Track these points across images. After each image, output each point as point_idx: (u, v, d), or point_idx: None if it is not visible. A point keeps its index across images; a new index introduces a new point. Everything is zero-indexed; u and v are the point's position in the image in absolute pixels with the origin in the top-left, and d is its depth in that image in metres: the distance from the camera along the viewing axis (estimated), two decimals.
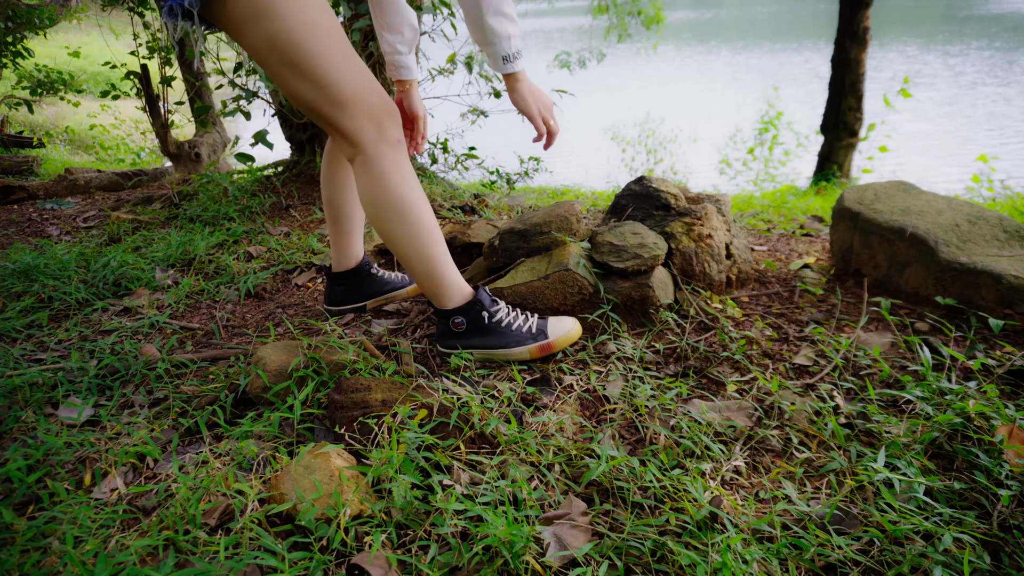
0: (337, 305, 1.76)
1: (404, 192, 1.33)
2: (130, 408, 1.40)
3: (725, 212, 1.85)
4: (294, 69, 1.21)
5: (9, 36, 5.11)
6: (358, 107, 1.28)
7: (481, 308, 1.43)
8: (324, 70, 1.22)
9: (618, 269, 1.55)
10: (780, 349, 1.49)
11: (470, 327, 1.44)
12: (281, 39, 1.18)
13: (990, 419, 1.15)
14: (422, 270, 1.40)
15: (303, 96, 1.25)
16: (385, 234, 1.37)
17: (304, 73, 1.22)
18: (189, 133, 6.61)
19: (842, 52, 5.74)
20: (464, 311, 1.43)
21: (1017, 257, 1.55)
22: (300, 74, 1.22)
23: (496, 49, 1.35)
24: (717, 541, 0.92)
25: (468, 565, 0.91)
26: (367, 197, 1.34)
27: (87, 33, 12.72)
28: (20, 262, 2.14)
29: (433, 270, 1.40)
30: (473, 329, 1.44)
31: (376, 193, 1.33)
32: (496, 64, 1.39)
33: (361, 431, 1.15)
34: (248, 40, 1.20)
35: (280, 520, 1.00)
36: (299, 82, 1.23)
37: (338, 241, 1.69)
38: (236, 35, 1.21)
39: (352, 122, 1.28)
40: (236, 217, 2.71)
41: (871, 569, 0.92)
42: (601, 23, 9.69)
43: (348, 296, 1.75)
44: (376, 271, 1.77)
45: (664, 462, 1.11)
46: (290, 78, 1.23)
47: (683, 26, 22.59)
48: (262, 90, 2.88)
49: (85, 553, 0.94)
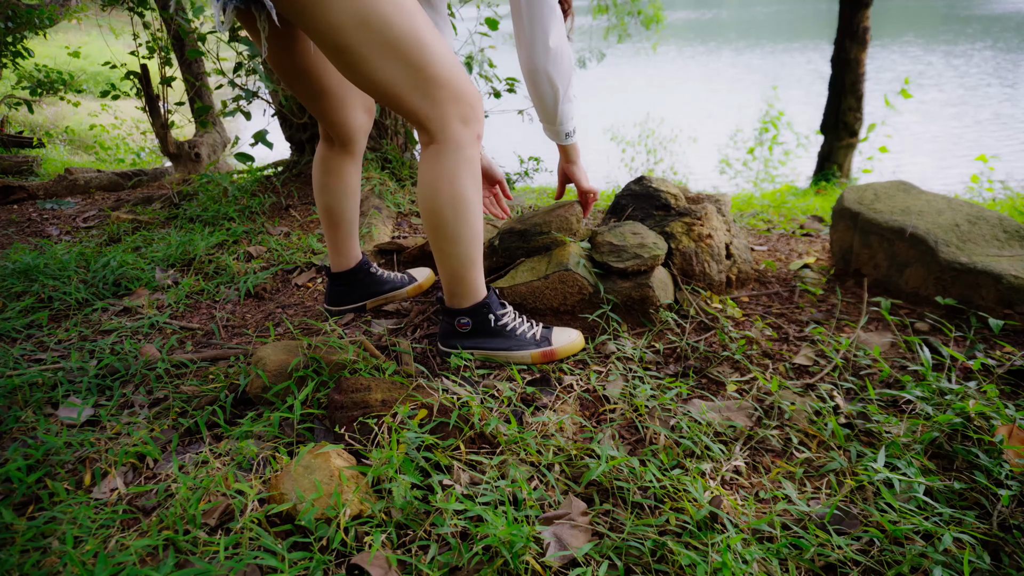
0: (337, 305, 1.76)
1: (469, 193, 1.29)
2: (130, 408, 1.40)
3: (725, 212, 1.85)
4: (386, 47, 1.14)
5: (9, 36, 5.11)
6: (448, 91, 1.22)
7: (488, 311, 1.42)
8: (419, 48, 1.16)
9: (618, 269, 1.55)
10: (780, 349, 1.49)
11: (475, 328, 1.43)
12: (376, 14, 1.11)
13: (990, 419, 1.15)
14: (452, 269, 1.37)
15: (388, 78, 1.18)
16: (434, 225, 1.32)
17: (397, 51, 1.15)
18: (189, 133, 6.61)
19: (842, 52, 5.75)
20: (472, 312, 1.41)
21: (1017, 257, 1.55)
22: (392, 52, 1.15)
23: (562, 128, 1.53)
24: (717, 541, 0.92)
25: (468, 565, 0.91)
26: (431, 186, 1.28)
27: (87, 33, 12.72)
28: (20, 262, 2.14)
29: (462, 273, 1.37)
30: (477, 331, 1.43)
31: (442, 186, 1.27)
32: (557, 138, 1.57)
33: (361, 431, 1.15)
34: (332, 17, 1.11)
35: (280, 520, 1.00)
36: (388, 62, 1.16)
37: (336, 244, 1.69)
38: (313, 14, 1.12)
39: (438, 109, 1.23)
40: (236, 217, 2.71)
41: (871, 569, 0.92)
42: (601, 23, 9.70)
43: (348, 296, 1.75)
44: (375, 270, 1.77)
45: (664, 462, 1.11)
46: (377, 58, 1.15)
47: (684, 26, 22.59)
48: (262, 90, 2.88)
49: (85, 553, 0.94)
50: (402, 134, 3.11)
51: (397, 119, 3.08)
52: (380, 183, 2.75)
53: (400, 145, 3.13)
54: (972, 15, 18.94)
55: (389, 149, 3.06)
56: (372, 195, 2.62)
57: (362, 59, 1.16)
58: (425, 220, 1.34)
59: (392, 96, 1.21)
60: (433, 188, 1.29)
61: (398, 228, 2.54)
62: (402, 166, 3.04)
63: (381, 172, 2.91)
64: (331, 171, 1.60)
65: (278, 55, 1.37)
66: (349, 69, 1.20)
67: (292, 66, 1.40)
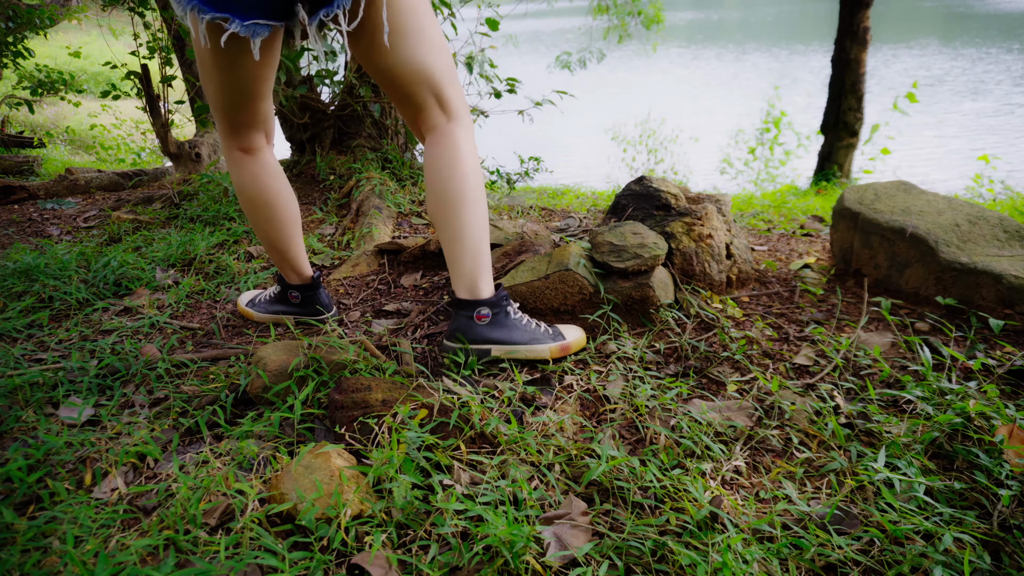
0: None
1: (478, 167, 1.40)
2: (130, 408, 1.40)
3: (725, 212, 1.85)
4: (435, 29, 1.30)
5: (9, 36, 5.11)
6: (455, 75, 1.37)
7: (507, 302, 1.42)
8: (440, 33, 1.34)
9: (618, 269, 1.55)
10: (780, 349, 1.49)
11: (494, 320, 1.40)
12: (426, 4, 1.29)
13: (990, 419, 1.15)
14: (475, 246, 1.38)
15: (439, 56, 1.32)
16: (471, 202, 1.37)
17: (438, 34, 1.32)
18: (189, 133, 6.61)
19: (842, 52, 5.75)
20: (493, 303, 1.40)
21: (1017, 257, 1.55)
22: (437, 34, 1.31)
23: None
24: (717, 541, 0.92)
25: (468, 565, 0.91)
26: (459, 160, 1.35)
27: (87, 33, 12.73)
28: (21, 262, 2.15)
29: (483, 250, 1.40)
30: (497, 322, 1.40)
31: (469, 159, 1.36)
32: None
33: (361, 431, 1.15)
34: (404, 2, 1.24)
35: (280, 520, 1.00)
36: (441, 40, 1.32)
37: (301, 252, 1.65)
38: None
39: (458, 88, 1.37)
40: (236, 217, 2.71)
41: (871, 569, 0.92)
42: (601, 23, 9.70)
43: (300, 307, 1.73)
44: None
45: (664, 462, 1.11)
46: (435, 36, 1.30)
47: (684, 26, 22.60)
48: None
49: (85, 553, 0.94)
50: (402, 134, 3.12)
51: (397, 119, 3.08)
52: (380, 183, 2.75)
53: (400, 145, 3.13)
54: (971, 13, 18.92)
55: (390, 149, 3.07)
56: (372, 195, 2.62)
57: (429, 41, 1.29)
58: (447, 198, 1.36)
59: (442, 77, 1.33)
60: (461, 161, 1.35)
61: (398, 228, 2.54)
62: (402, 166, 3.04)
63: (381, 172, 2.91)
64: (277, 173, 1.56)
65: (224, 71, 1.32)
66: (416, 49, 1.29)
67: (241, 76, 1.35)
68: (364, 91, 2.83)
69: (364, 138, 3.08)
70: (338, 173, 2.94)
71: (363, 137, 3.08)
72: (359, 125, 3.07)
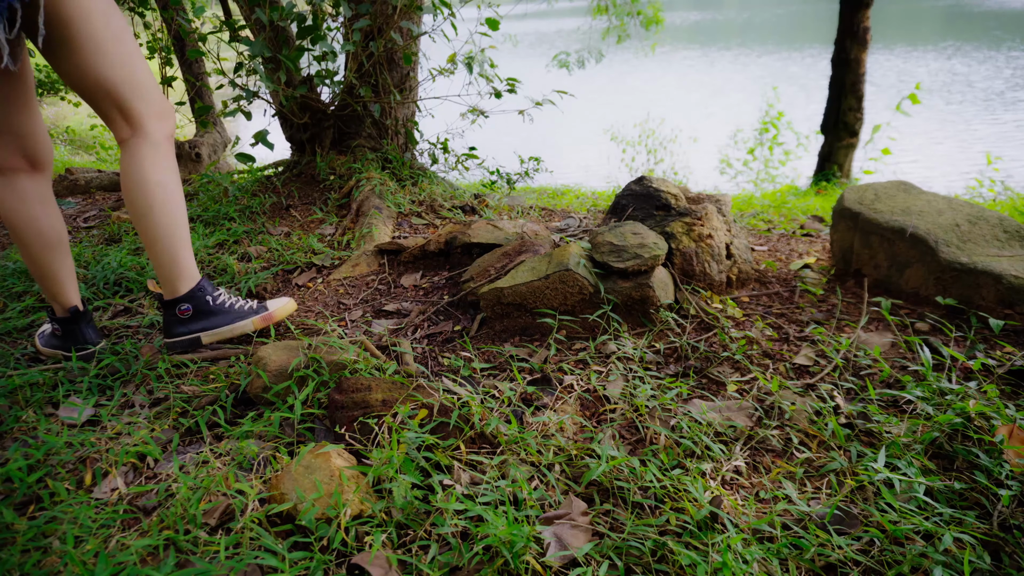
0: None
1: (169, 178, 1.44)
2: (130, 408, 1.40)
3: (725, 212, 1.85)
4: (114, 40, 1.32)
5: None
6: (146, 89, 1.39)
7: (204, 293, 1.52)
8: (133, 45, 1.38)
9: (618, 269, 1.55)
10: (780, 349, 1.49)
11: (196, 312, 1.51)
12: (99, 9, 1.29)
13: (990, 419, 1.15)
14: (169, 250, 1.45)
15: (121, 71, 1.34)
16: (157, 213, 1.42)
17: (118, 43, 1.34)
18: (189, 133, 6.61)
19: (842, 52, 5.74)
20: (189, 297, 1.50)
21: (1017, 257, 1.55)
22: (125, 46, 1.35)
23: None
24: (717, 541, 0.92)
25: (468, 565, 0.91)
26: (155, 178, 1.40)
27: None
28: (20, 262, 2.14)
29: (177, 253, 1.46)
30: (199, 313, 1.51)
31: (161, 174, 1.41)
32: None
33: (361, 431, 1.15)
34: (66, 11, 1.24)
35: (280, 520, 1.00)
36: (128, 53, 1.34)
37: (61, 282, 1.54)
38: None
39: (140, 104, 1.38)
40: (236, 217, 2.71)
41: (871, 569, 0.92)
42: (600, 24, 9.70)
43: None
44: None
45: (664, 462, 1.11)
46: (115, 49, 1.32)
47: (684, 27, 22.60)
48: (262, 90, 2.88)
49: (86, 553, 0.94)
50: (402, 134, 3.12)
51: (397, 119, 3.08)
52: (380, 183, 2.75)
53: (400, 145, 3.13)
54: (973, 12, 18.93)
55: (390, 149, 3.07)
56: (372, 195, 2.62)
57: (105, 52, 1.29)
58: (135, 210, 1.42)
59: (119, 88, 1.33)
60: (143, 176, 1.39)
61: (398, 228, 2.54)
62: (402, 166, 3.04)
63: (382, 172, 2.91)
64: (45, 200, 1.47)
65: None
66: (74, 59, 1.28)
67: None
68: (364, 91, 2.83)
69: (364, 138, 3.08)
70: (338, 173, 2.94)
71: (363, 137, 3.08)
72: (359, 125, 3.07)
